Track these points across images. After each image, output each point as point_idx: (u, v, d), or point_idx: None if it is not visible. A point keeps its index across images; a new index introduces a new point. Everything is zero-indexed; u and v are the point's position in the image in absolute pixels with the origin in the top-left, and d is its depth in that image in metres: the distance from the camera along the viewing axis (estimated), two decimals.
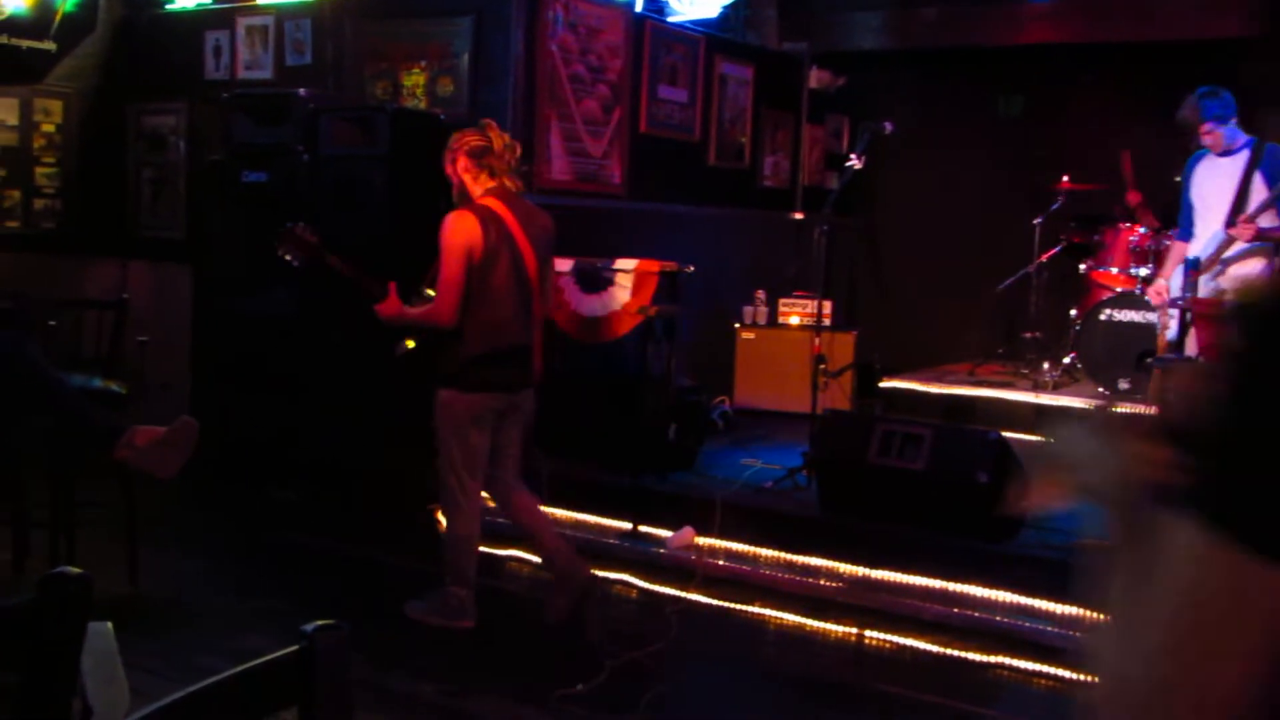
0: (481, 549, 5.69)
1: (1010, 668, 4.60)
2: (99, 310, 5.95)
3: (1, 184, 7.81)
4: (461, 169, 4.72)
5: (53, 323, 5.64)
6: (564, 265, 6.36)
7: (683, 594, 5.23)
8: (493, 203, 4.67)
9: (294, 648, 1.49)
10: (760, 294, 8.11)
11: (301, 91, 6.61)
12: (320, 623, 1.50)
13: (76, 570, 1.65)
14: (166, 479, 4.65)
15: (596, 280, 6.25)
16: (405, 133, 6.35)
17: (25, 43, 7.62)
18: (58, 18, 7.75)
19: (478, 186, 4.71)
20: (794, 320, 7.95)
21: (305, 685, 1.49)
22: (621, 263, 6.22)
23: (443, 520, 4.95)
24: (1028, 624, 4.79)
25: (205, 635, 4.65)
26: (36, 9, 7.60)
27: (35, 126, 7.97)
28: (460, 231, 4.56)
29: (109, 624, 2.24)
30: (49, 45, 7.81)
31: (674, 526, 5.65)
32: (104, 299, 6.35)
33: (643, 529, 5.71)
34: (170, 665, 4.05)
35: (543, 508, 5.17)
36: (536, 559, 5.44)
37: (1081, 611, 4.72)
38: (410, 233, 6.42)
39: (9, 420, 4.67)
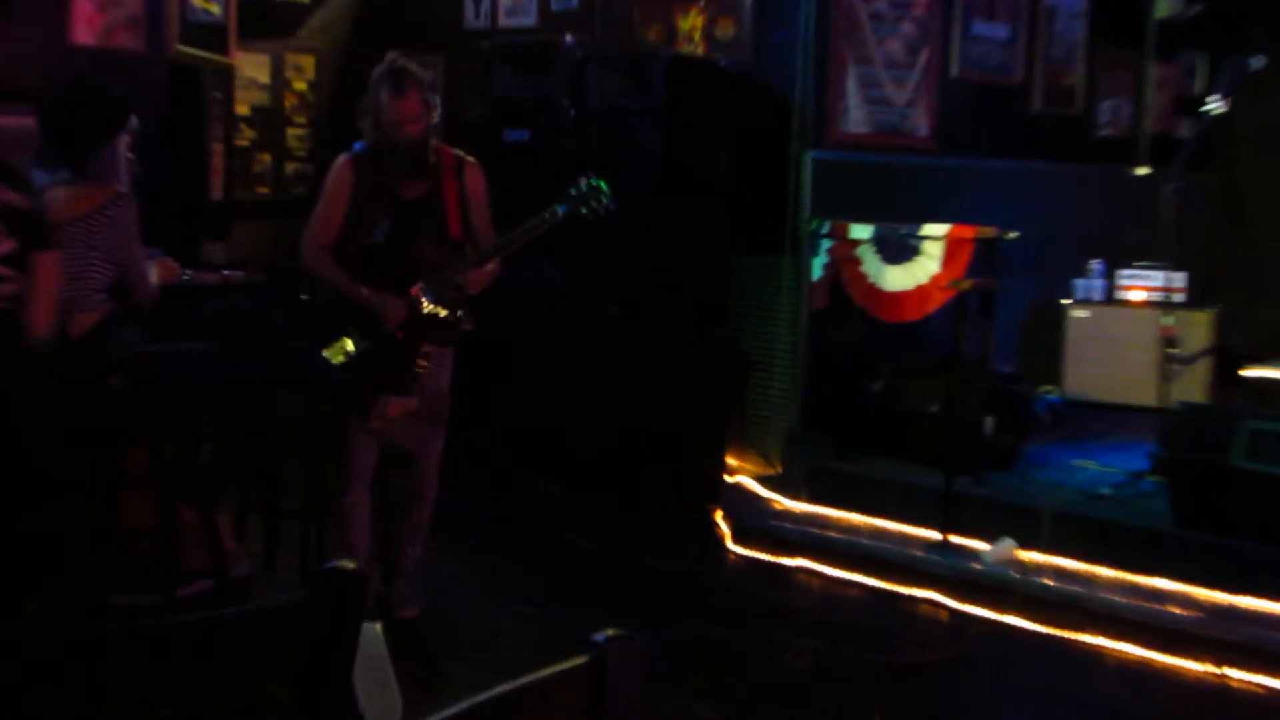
0: (767, 558, 5.80)
1: None
2: None
3: (252, 147, 8.31)
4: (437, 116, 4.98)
5: (304, 296, 5.95)
6: (863, 232, 6.30)
7: (999, 617, 5.14)
8: None
9: (583, 658, 1.50)
10: (1096, 264, 7.84)
11: (567, 39, 6.79)
12: (612, 632, 1.50)
13: (350, 564, 1.72)
14: (415, 452, 4.89)
15: (901, 249, 6.19)
16: (681, 82, 6.42)
17: None
18: None
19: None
20: (1137, 296, 7.65)
21: (595, 702, 1.51)
22: (930, 229, 6.14)
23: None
24: None
25: (461, 641, 4.86)
26: None
27: (287, 84, 8.45)
28: None
29: (379, 624, 2.33)
30: None
31: (991, 538, 5.55)
32: None
33: (954, 539, 5.63)
34: (426, 672, 4.23)
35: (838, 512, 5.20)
36: (824, 569, 5.59)
37: None
38: (685, 195, 6.50)
39: (264, 400, 4.99)
